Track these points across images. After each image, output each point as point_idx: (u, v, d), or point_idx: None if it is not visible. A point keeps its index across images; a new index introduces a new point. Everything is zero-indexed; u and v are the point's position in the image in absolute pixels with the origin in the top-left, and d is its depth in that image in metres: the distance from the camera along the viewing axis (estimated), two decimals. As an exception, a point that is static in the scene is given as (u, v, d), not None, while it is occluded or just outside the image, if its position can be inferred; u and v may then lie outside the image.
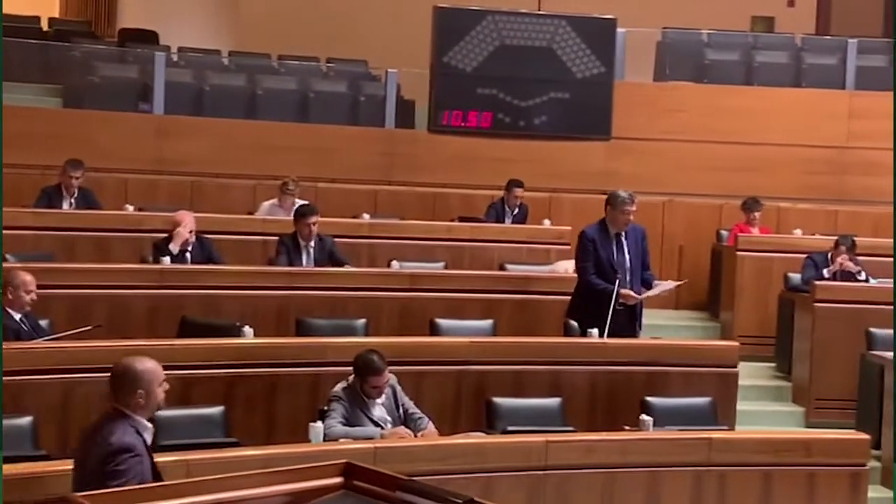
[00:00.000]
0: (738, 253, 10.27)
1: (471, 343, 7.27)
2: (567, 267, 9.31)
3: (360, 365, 6.15)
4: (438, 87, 12.26)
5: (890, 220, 11.89)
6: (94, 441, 4.38)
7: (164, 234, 8.69)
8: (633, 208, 7.79)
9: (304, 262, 8.88)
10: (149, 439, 4.46)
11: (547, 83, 12.28)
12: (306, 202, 9.64)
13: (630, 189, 9.76)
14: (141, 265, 8.57)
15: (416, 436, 6.08)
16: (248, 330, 7.16)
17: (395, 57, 12.90)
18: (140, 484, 4.18)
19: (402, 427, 6.15)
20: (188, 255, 8.65)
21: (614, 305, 7.54)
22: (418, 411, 6.33)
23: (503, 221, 10.94)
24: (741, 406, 8.05)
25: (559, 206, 11.70)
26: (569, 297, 8.14)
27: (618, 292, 7.56)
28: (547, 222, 10.88)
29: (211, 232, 9.09)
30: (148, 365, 4.49)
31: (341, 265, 8.86)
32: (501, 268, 9.72)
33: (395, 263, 9.23)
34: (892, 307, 8.67)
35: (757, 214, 11.02)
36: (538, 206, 11.36)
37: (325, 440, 5.80)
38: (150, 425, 4.47)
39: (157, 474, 4.40)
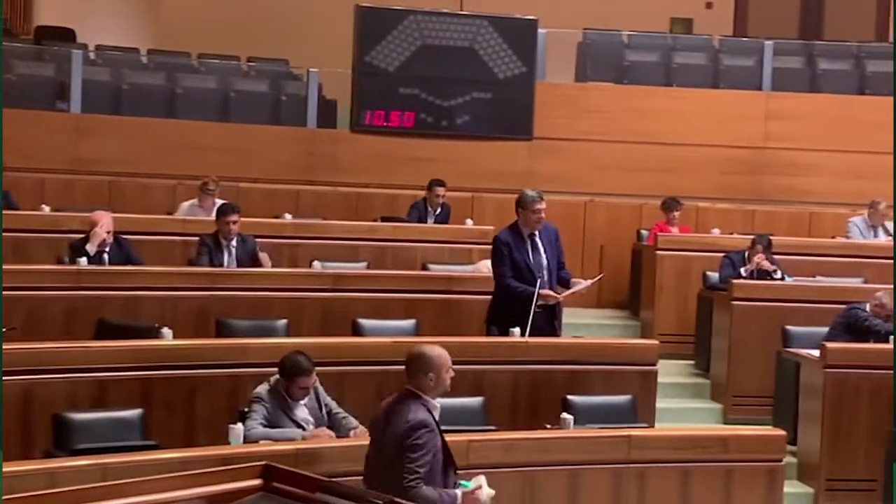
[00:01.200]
0: (658, 252, 10.38)
1: (393, 343, 7.25)
2: (489, 265, 9.33)
3: (288, 366, 6.11)
4: (360, 87, 12.23)
5: (806, 219, 12.14)
6: (390, 418, 4.93)
7: (81, 235, 8.56)
8: (543, 206, 7.79)
9: (225, 261, 8.80)
10: (437, 417, 4.98)
11: (469, 83, 12.31)
12: (227, 202, 9.57)
13: (551, 189, 9.87)
14: (57, 266, 8.44)
15: (349, 434, 6.06)
16: (166, 331, 7.08)
17: (317, 56, 12.85)
18: (434, 456, 4.81)
19: (325, 428, 6.12)
20: (106, 255, 8.53)
21: (535, 307, 7.57)
22: (342, 411, 6.30)
23: (425, 221, 10.94)
24: (661, 403, 8.13)
25: (481, 206, 11.74)
26: (491, 299, 8.14)
27: (538, 293, 7.59)
28: (469, 222, 10.92)
29: (130, 232, 8.98)
30: (438, 352, 5.05)
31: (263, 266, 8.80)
32: (424, 268, 9.73)
33: (317, 264, 9.20)
34: (808, 305, 8.84)
35: (676, 214, 11.15)
36: (460, 206, 11.39)
37: (245, 442, 5.75)
38: (437, 405, 5.02)
39: (446, 448, 4.95)
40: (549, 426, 6.41)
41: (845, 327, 8.37)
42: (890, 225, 11.09)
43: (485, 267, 9.37)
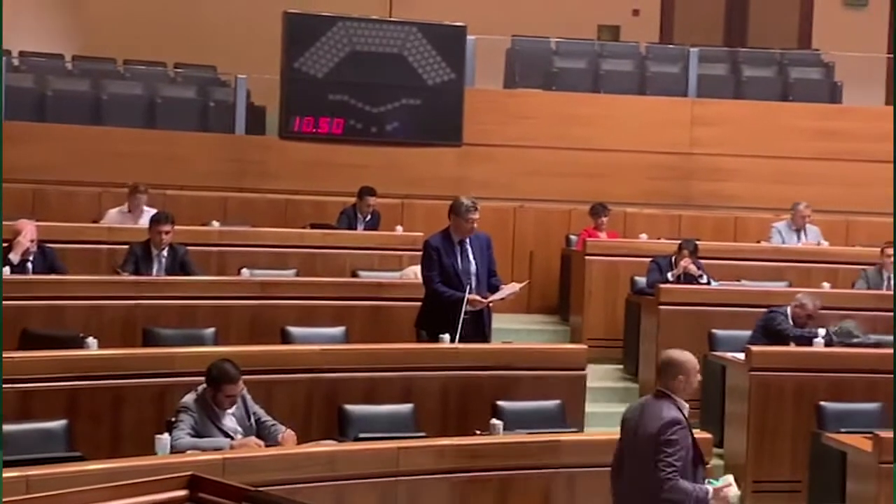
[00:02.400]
0: (587, 257, 10.47)
1: (322, 351, 7.24)
2: (416, 271, 9.35)
3: (215, 374, 6.07)
4: (289, 94, 12.17)
5: (731, 223, 12.31)
6: (643, 417, 5.23)
7: (4, 244, 8.42)
8: (477, 216, 7.82)
9: (154, 270, 8.72)
10: (686, 415, 5.24)
11: (398, 89, 12.31)
12: (161, 211, 9.47)
13: (481, 195, 9.90)
14: (-21, 276, 8.29)
15: (278, 443, 6.03)
16: (91, 341, 6.99)
17: (245, 62, 12.77)
18: (686, 452, 5.10)
19: (253, 437, 6.08)
20: (29, 264, 8.41)
21: (463, 312, 7.59)
22: (271, 419, 6.27)
23: (355, 228, 10.93)
24: (590, 408, 8.19)
25: (411, 212, 11.75)
26: (421, 303, 8.16)
27: (466, 299, 7.62)
28: (399, 228, 10.91)
29: (55, 241, 8.86)
30: (687, 356, 5.30)
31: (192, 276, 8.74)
32: (354, 275, 9.71)
33: (245, 271, 9.14)
34: (733, 308, 8.95)
35: (604, 219, 11.25)
36: (390, 213, 11.39)
37: (172, 452, 5.69)
38: (686, 405, 5.25)
39: (696, 445, 5.23)
40: (478, 432, 6.42)
41: (763, 331, 8.50)
42: (813, 229, 11.28)
43: (412, 272, 9.39)
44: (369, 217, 11.07)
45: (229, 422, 6.08)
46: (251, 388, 6.31)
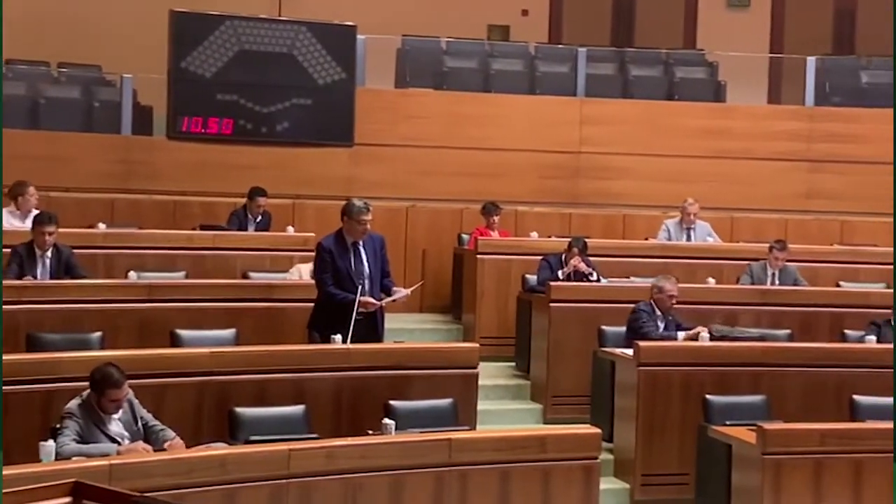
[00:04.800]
0: (479, 256, 10.52)
1: (212, 353, 7.15)
2: (302, 270, 9.32)
3: (98, 379, 5.96)
4: (177, 93, 12.01)
5: (619, 221, 12.50)
6: None
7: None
8: (369, 217, 7.82)
9: (38, 273, 8.53)
10: None
11: (288, 89, 12.24)
12: (44, 211, 9.26)
13: (373, 195, 9.89)
14: None
15: (156, 449, 5.94)
16: (-28, 347, 6.81)
17: (131, 62, 12.58)
18: None
19: (141, 442, 5.99)
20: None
21: (355, 314, 7.58)
22: (158, 423, 6.18)
23: (246, 229, 10.83)
24: (483, 406, 8.25)
25: (303, 213, 11.69)
26: (313, 305, 8.12)
27: (358, 301, 7.61)
28: (290, 229, 10.84)
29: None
30: None
31: (79, 278, 8.56)
32: (244, 276, 9.62)
33: (132, 274, 9.00)
34: (622, 305, 9.06)
35: (496, 218, 11.33)
36: (282, 213, 11.31)
37: (57, 459, 5.58)
38: None
39: None
40: (370, 432, 6.42)
41: (629, 332, 8.61)
42: (703, 225, 11.48)
43: (298, 272, 9.35)
44: (260, 218, 10.98)
45: (116, 427, 5.98)
46: (140, 392, 6.22)
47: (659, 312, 8.69)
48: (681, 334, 8.54)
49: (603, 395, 8.56)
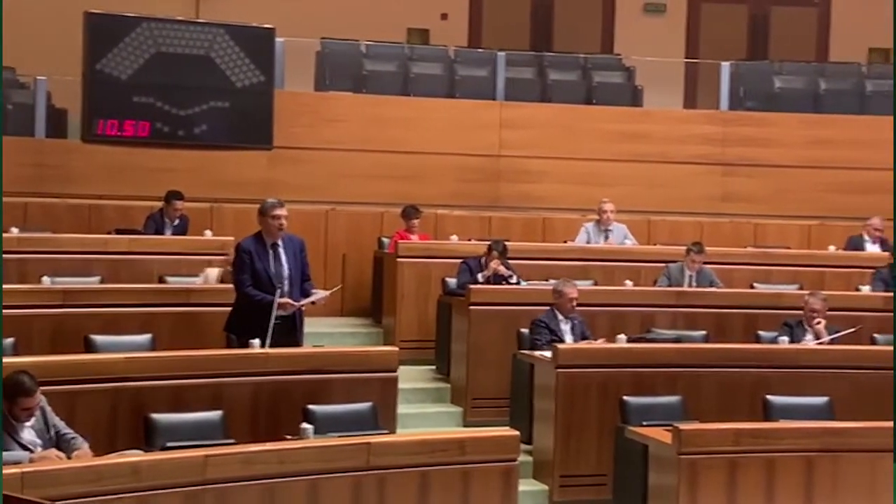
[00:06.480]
0: (399, 259, 10.51)
1: (127, 359, 7.06)
2: (210, 275, 9.24)
3: (9, 386, 5.85)
4: (92, 96, 11.85)
5: (539, 224, 12.57)
6: None
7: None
8: (283, 212, 7.79)
9: (-53, 278, 8.35)
10: None
11: (206, 92, 12.13)
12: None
13: (292, 198, 9.84)
14: None
15: (69, 457, 5.86)
16: None
17: (45, 63, 12.37)
18: None
19: (54, 450, 5.90)
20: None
21: (274, 317, 7.54)
22: (71, 431, 6.08)
23: (163, 233, 10.72)
24: (403, 409, 8.25)
25: (221, 217, 11.60)
26: (231, 308, 8.05)
27: (276, 303, 7.57)
28: (208, 233, 10.74)
29: None
30: None
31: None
32: (161, 281, 9.52)
33: (46, 279, 8.85)
34: (542, 308, 9.10)
35: (416, 222, 11.33)
36: (199, 217, 11.21)
37: (-33, 469, 5.46)
38: None
39: None
40: (288, 437, 6.38)
41: (530, 343, 8.70)
42: (619, 227, 11.59)
43: (206, 277, 9.27)
44: (177, 222, 10.87)
45: (28, 435, 5.88)
46: (53, 399, 6.12)
47: (561, 317, 8.78)
48: (569, 338, 8.63)
49: (522, 397, 8.59)
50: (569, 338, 8.69)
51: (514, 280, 9.97)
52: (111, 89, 11.83)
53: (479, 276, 9.87)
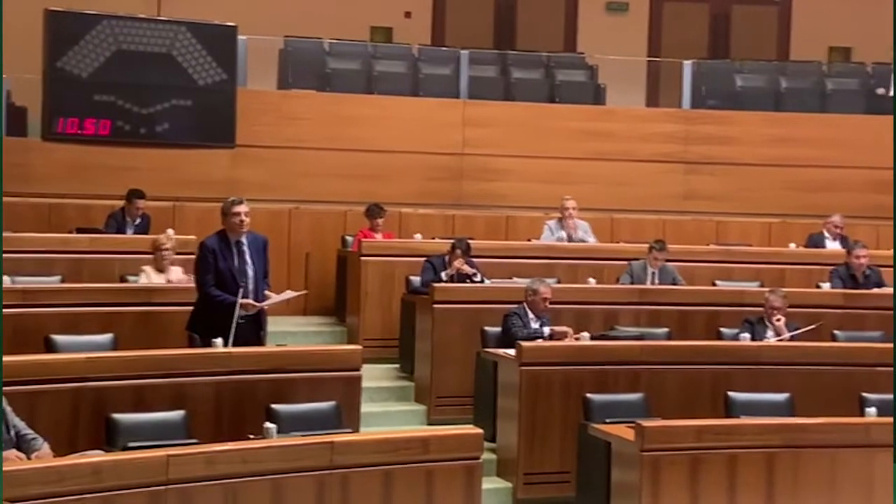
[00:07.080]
0: (363, 258, 10.50)
1: (88, 359, 7.01)
2: (150, 274, 9.22)
3: (-32, 388, 5.81)
4: (52, 94, 11.76)
5: (502, 222, 12.59)
6: None
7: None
8: (244, 209, 7.76)
9: None
10: None
11: (168, 90, 12.07)
12: None
13: (255, 197, 9.82)
14: None
15: (29, 458, 5.81)
16: None
17: (5, 61, 12.19)
18: None
19: (14, 450, 5.85)
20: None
21: (237, 317, 7.51)
22: (31, 432, 6.03)
23: (124, 232, 10.65)
24: (367, 408, 8.23)
25: (183, 215, 11.53)
26: (193, 307, 8.02)
27: (239, 302, 7.54)
28: (170, 232, 10.66)
29: None
30: None
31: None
32: (122, 280, 9.46)
33: (6, 279, 8.76)
34: (506, 306, 9.12)
35: (380, 220, 11.31)
36: (161, 216, 11.14)
37: (-75, 471, 5.41)
38: None
39: None
40: (251, 436, 6.35)
41: (503, 335, 8.72)
42: (581, 224, 11.61)
43: (146, 276, 9.23)
44: (139, 221, 10.80)
45: (-13, 436, 5.83)
46: (13, 399, 6.07)
47: (532, 315, 8.81)
48: (546, 329, 8.66)
49: (486, 395, 8.60)
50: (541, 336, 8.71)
51: (477, 278, 9.98)
52: (72, 87, 11.75)
53: (443, 275, 9.88)
